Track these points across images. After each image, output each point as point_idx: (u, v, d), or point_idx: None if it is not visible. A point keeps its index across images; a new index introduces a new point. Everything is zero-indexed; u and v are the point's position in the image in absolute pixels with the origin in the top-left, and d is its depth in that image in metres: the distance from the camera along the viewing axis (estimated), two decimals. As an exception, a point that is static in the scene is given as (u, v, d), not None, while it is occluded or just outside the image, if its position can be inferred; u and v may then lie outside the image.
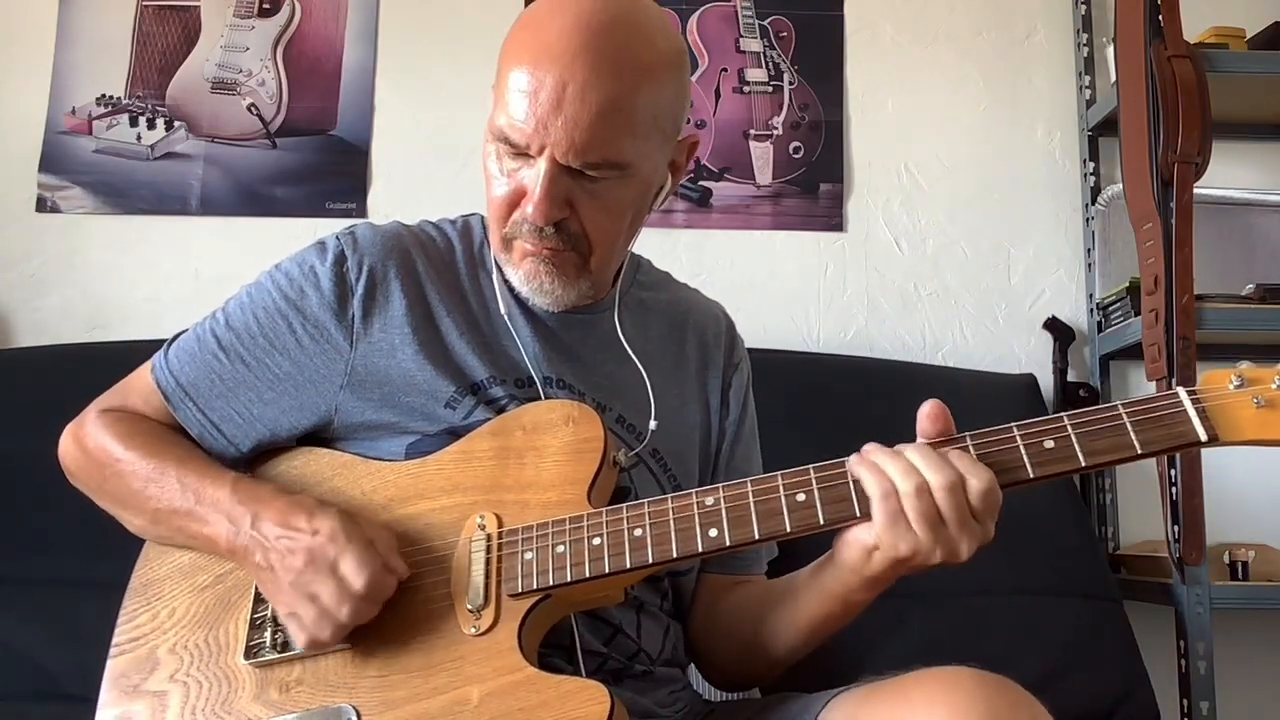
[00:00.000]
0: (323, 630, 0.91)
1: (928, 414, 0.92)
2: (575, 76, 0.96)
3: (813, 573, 1.01)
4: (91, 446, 1.06)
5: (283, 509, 0.95)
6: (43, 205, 2.10)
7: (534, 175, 0.98)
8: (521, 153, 0.99)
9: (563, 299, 1.06)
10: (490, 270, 1.13)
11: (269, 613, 0.97)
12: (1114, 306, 2.01)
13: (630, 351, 1.13)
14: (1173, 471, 1.74)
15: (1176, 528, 1.73)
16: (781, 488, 0.91)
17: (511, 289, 1.11)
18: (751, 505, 0.91)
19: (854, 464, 0.91)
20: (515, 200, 1.01)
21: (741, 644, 1.10)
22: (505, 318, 1.10)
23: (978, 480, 0.87)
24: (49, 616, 1.59)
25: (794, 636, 1.04)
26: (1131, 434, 0.86)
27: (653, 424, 1.09)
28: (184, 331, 1.10)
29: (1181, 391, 0.87)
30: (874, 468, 0.89)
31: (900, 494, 0.87)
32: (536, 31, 0.99)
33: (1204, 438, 0.85)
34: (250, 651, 0.96)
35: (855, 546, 0.92)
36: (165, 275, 2.09)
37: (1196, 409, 0.86)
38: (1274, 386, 0.86)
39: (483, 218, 1.17)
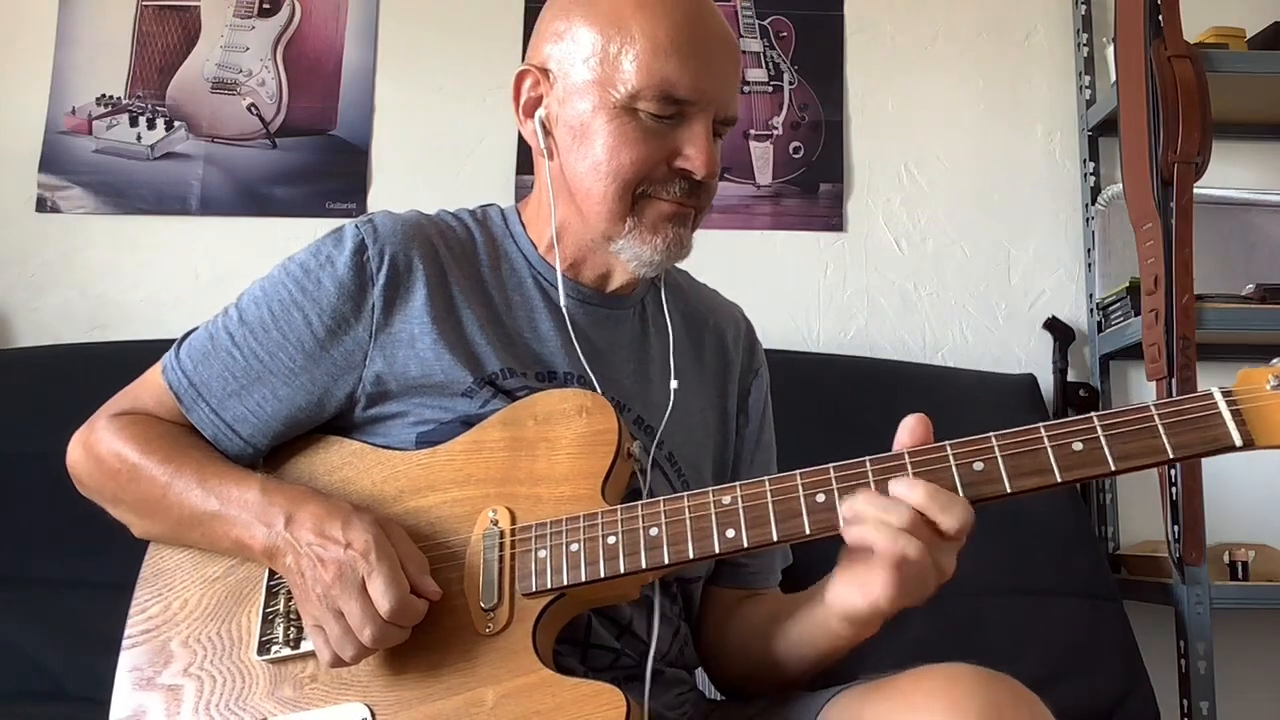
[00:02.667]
0: (345, 649, 0.88)
1: (908, 428, 0.88)
2: (725, 35, 1.02)
3: (811, 609, 0.99)
4: (104, 453, 1.01)
5: (318, 513, 0.92)
6: (43, 205, 2.10)
7: (692, 131, 1.00)
8: (675, 114, 1.00)
9: (679, 259, 1.07)
10: (515, 262, 1.10)
11: (280, 607, 0.96)
12: (1114, 306, 2.01)
13: (653, 352, 1.12)
14: (1173, 471, 1.74)
15: (1176, 528, 1.73)
16: (800, 488, 0.88)
17: (539, 282, 1.09)
18: (770, 506, 0.88)
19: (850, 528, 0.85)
20: (663, 158, 1.01)
21: (752, 663, 1.08)
22: (528, 310, 1.08)
23: (950, 520, 0.83)
24: (49, 616, 1.59)
25: (803, 665, 1.02)
26: (1164, 437, 0.82)
27: (672, 395, 1.08)
28: (194, 330, 1.06)
29: (1216, 392, 0.82)
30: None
31: (898, 564, 0.83)
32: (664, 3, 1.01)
33: (1239, 443, 0.81)
34: (263, 647, 0.95)
35: (853, 617, 0.90)
36: (165, 275, 2.09)
37: (1231, 411, 0.81)
38: None
39: (501, 209, 1.15)
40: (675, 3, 1.00)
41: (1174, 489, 1.74)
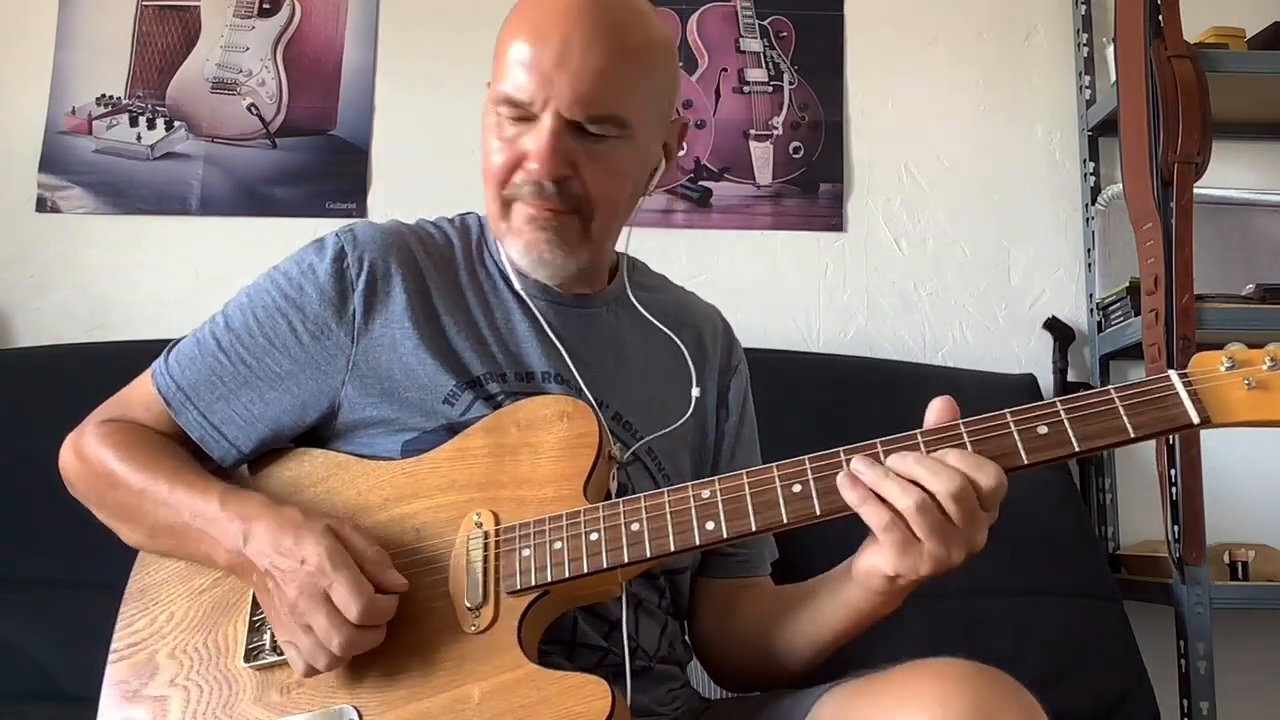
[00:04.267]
0: (318, 660, 0.89)
1: (936, 411, 0.90)
2: (579, 34, 0.98)
3: (834, 587, 1.00)
4: (90, 456, 1.04)
5: (271, 528, 0.92)
6: (43, 205, 2.10)
7: (536, 134, 0.99)
8: (523, 116, 1.00)
9: (563, 270, 1.06)
10: (489, 267, 1.13)
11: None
12: (1114, 306, 2.01)
13: (629, 349, 1.13)
14: (1173, 471, 1.74)
15: (1176, 528, 1.73)
16: (777, 479, 0.91)
17: (510, 285, 1.11)
18: (748, 497, 0.91)
19: (846, 490, 0.87)
20: (516, 163, 1.02)
21: (758, 653, 1.08)
22: (505, 313, 1.10)
23: (985, 478, 0.85)
24: (49, 616, 1.59)
25: (816, 647, 1.03)
26: (1124, 417, 0.85)
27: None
28: (182, 338, 1.09)
29: (1173, 374, 0.86)
30: (868, 499, 0.86)
31: (905, 519, 0.85)
32: (537, 5, 1.01)
33: (1196, 420, 0.84)
34: (250, 654, 0.96)
35: (876, 577, 0.91)
36: (165, 275, 2.09)
37: (1188, 391, 0.85)
38: (1264, 368, 0.85)
39: (479, 216, 1.17)
40: (538, 11, 1.01)
41: (1174, 489, 1.74)
